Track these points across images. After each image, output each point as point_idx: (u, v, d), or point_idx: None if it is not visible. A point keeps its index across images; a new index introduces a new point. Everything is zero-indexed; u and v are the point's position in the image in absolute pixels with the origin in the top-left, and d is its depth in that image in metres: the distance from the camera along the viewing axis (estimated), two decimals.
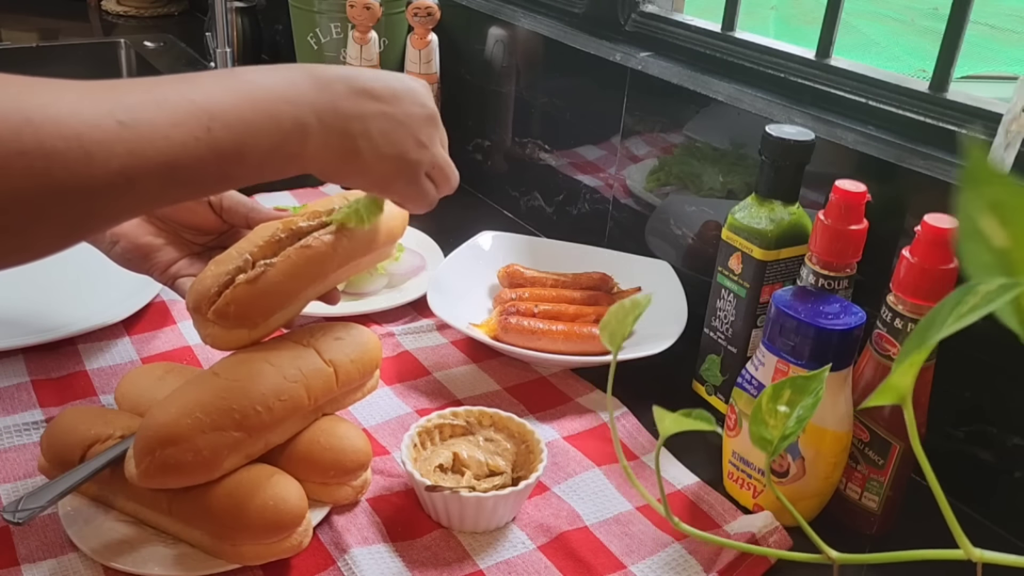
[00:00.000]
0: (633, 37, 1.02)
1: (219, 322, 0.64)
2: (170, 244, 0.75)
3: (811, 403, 0.58)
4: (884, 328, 0.65)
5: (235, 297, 0.64)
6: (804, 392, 0.59)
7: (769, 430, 0.59)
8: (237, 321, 0.64)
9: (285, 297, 0.66)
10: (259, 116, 0.51)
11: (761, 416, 0.59)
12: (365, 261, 0.72)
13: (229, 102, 0.50)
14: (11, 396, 0.77)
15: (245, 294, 0.64)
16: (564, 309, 0.90)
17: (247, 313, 0.64)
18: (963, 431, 0.72)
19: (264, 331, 0.67)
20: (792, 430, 0.58)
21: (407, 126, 0.60)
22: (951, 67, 0.75)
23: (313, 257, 0.66)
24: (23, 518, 0.58)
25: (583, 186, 1.09)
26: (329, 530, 0.66)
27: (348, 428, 0.68)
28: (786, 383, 0.59)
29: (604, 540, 0.67)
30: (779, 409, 0.59)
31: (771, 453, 0.59)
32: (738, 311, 0.77)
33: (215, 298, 0.64)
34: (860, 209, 0.68)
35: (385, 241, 0.72)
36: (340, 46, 1.25)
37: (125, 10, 1.96)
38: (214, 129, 0.49)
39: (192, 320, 0.66)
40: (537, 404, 0.82)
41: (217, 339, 0.65)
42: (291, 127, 0.53)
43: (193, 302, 0.65)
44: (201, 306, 0.64)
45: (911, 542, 0.57)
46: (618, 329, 0.62)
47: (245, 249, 0.65)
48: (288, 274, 0.65)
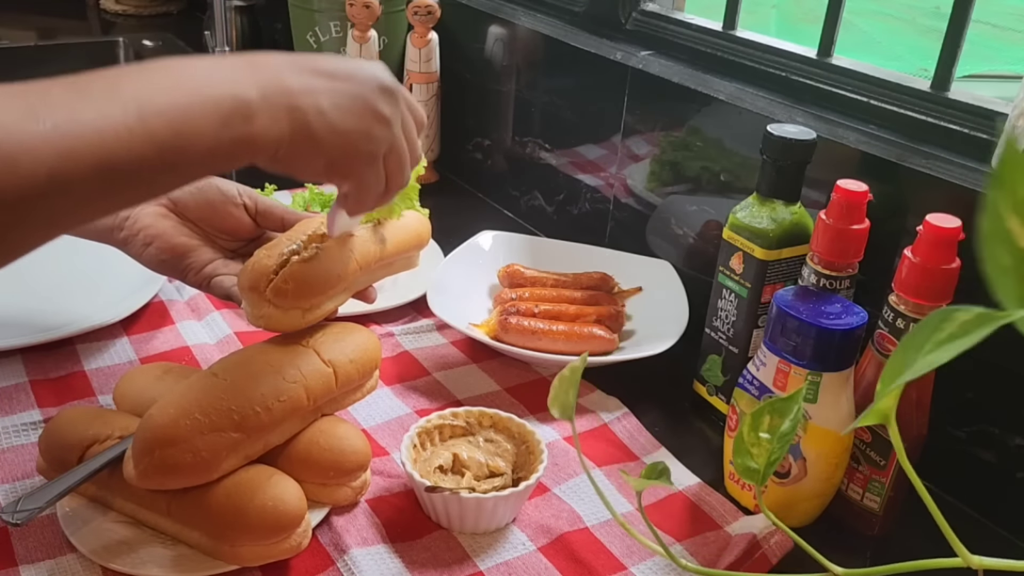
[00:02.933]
0: (634, 36, 1.02)
1: (276, 301, 0.64)
2: (205, 245, 0.75)
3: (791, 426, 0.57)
4: (886, 328, 0.65)
5: (292, 274, 0.64)
6: (784, 415, 0.58)
7: (754, 460, 0.58)
8: (295, 300, 0.64)
9: (337, 280, 0.66)
10: (194, 98, 0.48)
11: (744, 447, 0.58)
12: (398, 263, 0.74)
13: (160, 87, 0.47)
14: (9, 396, 0.77)
15: (302, 272, 0.64)
16: (564, 309, 0.90)
17: (304, 292, 0.64)
18: (965, 431, 0.72)
19: (315, 316, 0.67)
20: (777, 454, 0.57)
21: (363, 98, 0.56)
22: (953, 66, 0.75)
23: (358, 244, 0.68)
24: (21, 519, 0.58)
25: (584, 185, 1.09)
26: (328, 531, 0.66)
27: (347, 429, 0.68)
28: (764, 408, 0.58)
29: (604, 541, 0.67)
30: (761, 436, 0.58)
31: (759, 482, 0.58)
32: (739, 311, 0.77)
33: (272, 276, 0.64)
34: (862, 209, 0.68)
35: (414, 245, 0.75)
36: (339, 45, 1.25)
37: (124, 9, 1.96)
38: (146, 118, 0.46)
39: (245, 301, 0.66)
40: (537, 404, 0.81)
41: (271, 320, 0.65)
42: (231, 105, 0.49)
43: (250, 281, 0.64)
44: (259, 284, 0.64)
45: (912, 543, 0.57)
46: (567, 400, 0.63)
47: (295, 237, 0.67)
48: (339, 257, 0.66)
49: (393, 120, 0.58)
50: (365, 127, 0.56)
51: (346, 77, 0.55)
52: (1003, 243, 0.34)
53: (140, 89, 0.47)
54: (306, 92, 0.53)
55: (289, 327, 0.66)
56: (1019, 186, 0.34)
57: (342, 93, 0.55)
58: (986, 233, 0.34)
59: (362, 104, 0.56)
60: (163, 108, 0.47)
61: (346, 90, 0.55)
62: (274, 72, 0.52)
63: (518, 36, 1.14)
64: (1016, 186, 0.34)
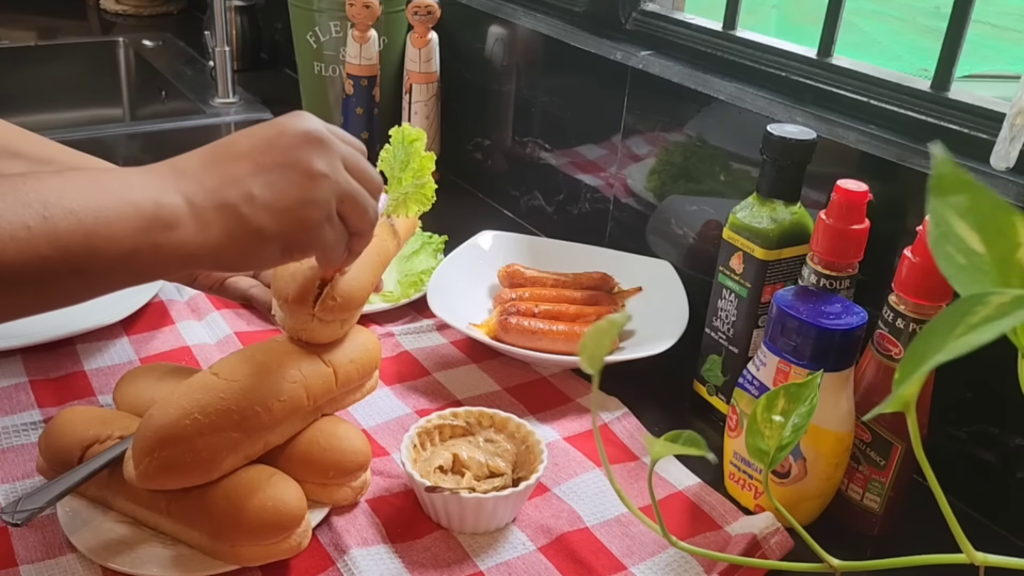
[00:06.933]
0: (634, 36, 1.02)
1: (322, 315, 0.65)
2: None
3: (806, 411, 0.58)
4: (886, 328, 0.65)
5: (339, 289, 0.65)
6: (798, 400, 0.59)
7: (765, 441, 0.59)
8: (339, 313, 0.65)
9: (369, 286, 0.68)
10: (111, 200, 0.45)
11: (756, 427, 0.59)
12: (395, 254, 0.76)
13: (73, 187, 0.45)
14: (9, 396, 0.77)
15: (347, 287, 0.65)
16: (564, 309, 0.90)
17: (348, 305, 0.66)
18: (965, 432, 0.72)
19: (350, 327, 0.69)
20: (789, 440, 0.58)
21: (290, 166, 0.51)
22: (953, 66, 0.75)
23: (379, 247, 0.69)
24: (21, 519, 0.58)
25: (584, 185, 1.09)
26: (328, 531, 0.66)
27: (348, 429, 0.68)
28: (779, 392, 0.59)
29: (605, 541, 0.67)
30: (774, 419, 0.59)
31: (768, 465, 0.59)
32: (739, 311, 0.77)
33: (316, 290, 0.65)
34: (862, 209, 0.68)
35: (414, 229, 0.79)
36: (339, 45, 1.25)
37: (124, 9, 1.96)
38: (51, 217, 0.43)
39: (286, 312, 0.65)
40: (537, 404, 0.81)
41: (313, 333, 0.66)
42: (153, 210, 0.47)
43: (297, 294, 0.64)
44: (306, 297, 0.64)
45: (913, 543, 0.57)
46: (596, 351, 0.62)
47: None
48: (368, 263, 0.68)
49: (331, 170, 0.53)
50: (305, 194, 0.52)
51: (266, 149, 0.51)
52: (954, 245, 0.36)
53: (49, 190, 0.44)
54: (230, 184, 0.50)
55: (327, 339, 0.67)
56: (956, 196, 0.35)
57: (268, 167, 0.51)
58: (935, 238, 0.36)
59: (293, 171, 0.51)
60: (73, 207, 0.44)
61: (271, 163, 0.51)
62: (191, 175, 0.49)
63: (518, 36, 1.14)
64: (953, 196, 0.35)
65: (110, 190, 0.46)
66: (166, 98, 1.60)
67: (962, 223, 0.35)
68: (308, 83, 1.31)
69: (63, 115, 1.71)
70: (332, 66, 1.27)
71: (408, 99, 1.22)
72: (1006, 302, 0.35)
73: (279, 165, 0.51)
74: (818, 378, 0.59)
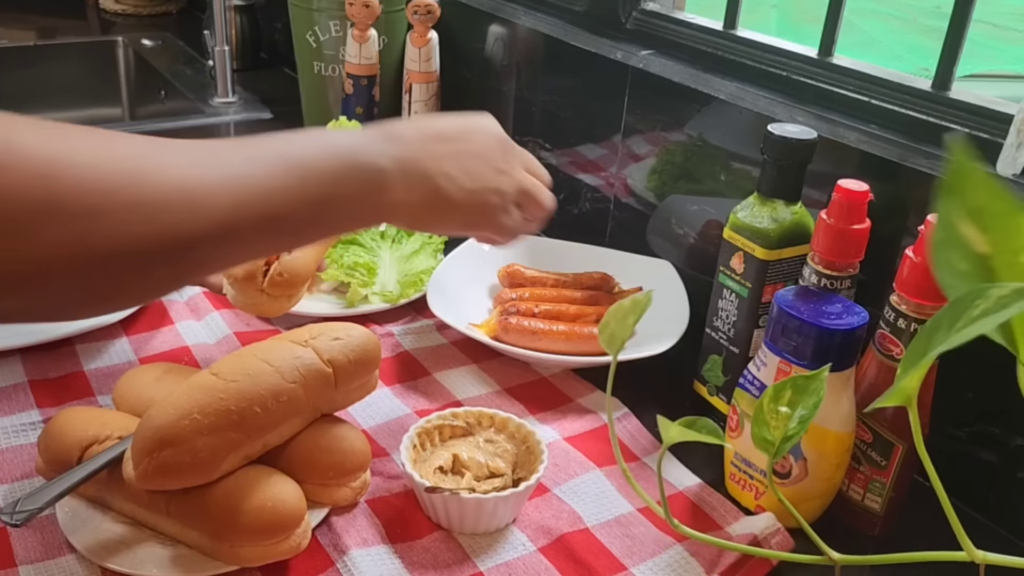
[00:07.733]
0: (634, 35, 1.01)
1: (270, 290, 0.75)
2: None
3: (813, 403, 0.58)
4: (887, 328, 0.65)
5: (286, 266, 0.75)
6: (805, 392, 0.59)
7: (771, 431, 0.59)
8: (285, 288, 0.75)
9: (312, 264, 0.78)
10: (343, 166, 0.54)
11: (763, 417, 0.59)
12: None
13: (316, 155, 0.53)
14: (8, 396, 0.77)
15: (293, 264, 0.75)
16: (565, 309, 0.90)
17: (295, 281, 0.76)
18: (966, 432, 0.72)
19: (294, 303, 0.78)
20: (795, 431, 0.58)
21: (483, 158, 0.62)
22: (954, 66, 0.74)
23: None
24: (20, 519, 0.58)
25: (584, 185, 1.09)
26: (328, 531, 0.65)
27: (347, 429, 0.68)
28: (787, 383, 0.59)
29: (605, 542, 0.66)
30: (780, 410, 0.59)
31: (773, 455, 0.59)
32: (740, 311, 0.77)
33: (264, 267, 0.75)
34: (863, 208, 0.68)
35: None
36: (339, 44, 1.25)
37: (123, 8, 1.95)
38: (306, 180, 0.52)
39: (236, 289, 0.75)
40: (537, 405, 0.81)
41: (262, 306, 0.76)
42: (372, 175, 0.56)
43: (246, 272, 0.74)
44: (255, 275, 0.74)
45: (913, 543, 0.57)
46: (618, 330, 0.61)
47: None
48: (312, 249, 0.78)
49: (513, 168, 0.64)
50: (492, 183, 0.62)
51: (463, 136, 0.62)
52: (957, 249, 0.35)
53: (302, 154, 0.53)
54: (432, 159, 0.59)
55: (276, 312, 0.77)
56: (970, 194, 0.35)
57: (465, 154, 0.61)
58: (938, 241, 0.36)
59: (483, 163, 0.62)
60: (320, 172, 0.53)
61: (467, 150, 0.61)
62: (404, 145, 0.58)
63: (518, 36, 1.14)
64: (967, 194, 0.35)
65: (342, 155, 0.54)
66: (165, 98, 1.59)
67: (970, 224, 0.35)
68: (308, 83, 1.31)
69: (63, 114, 1.70)
70: (332, 65, 1.27)
71: (408, 99, 1.22)
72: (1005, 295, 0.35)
73: (475, 156, 0.62)
74: (825, 371, 0.59)
